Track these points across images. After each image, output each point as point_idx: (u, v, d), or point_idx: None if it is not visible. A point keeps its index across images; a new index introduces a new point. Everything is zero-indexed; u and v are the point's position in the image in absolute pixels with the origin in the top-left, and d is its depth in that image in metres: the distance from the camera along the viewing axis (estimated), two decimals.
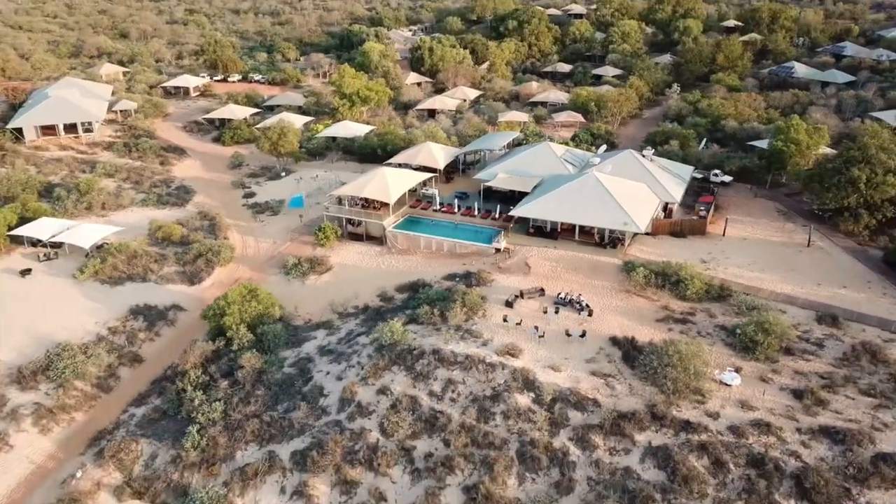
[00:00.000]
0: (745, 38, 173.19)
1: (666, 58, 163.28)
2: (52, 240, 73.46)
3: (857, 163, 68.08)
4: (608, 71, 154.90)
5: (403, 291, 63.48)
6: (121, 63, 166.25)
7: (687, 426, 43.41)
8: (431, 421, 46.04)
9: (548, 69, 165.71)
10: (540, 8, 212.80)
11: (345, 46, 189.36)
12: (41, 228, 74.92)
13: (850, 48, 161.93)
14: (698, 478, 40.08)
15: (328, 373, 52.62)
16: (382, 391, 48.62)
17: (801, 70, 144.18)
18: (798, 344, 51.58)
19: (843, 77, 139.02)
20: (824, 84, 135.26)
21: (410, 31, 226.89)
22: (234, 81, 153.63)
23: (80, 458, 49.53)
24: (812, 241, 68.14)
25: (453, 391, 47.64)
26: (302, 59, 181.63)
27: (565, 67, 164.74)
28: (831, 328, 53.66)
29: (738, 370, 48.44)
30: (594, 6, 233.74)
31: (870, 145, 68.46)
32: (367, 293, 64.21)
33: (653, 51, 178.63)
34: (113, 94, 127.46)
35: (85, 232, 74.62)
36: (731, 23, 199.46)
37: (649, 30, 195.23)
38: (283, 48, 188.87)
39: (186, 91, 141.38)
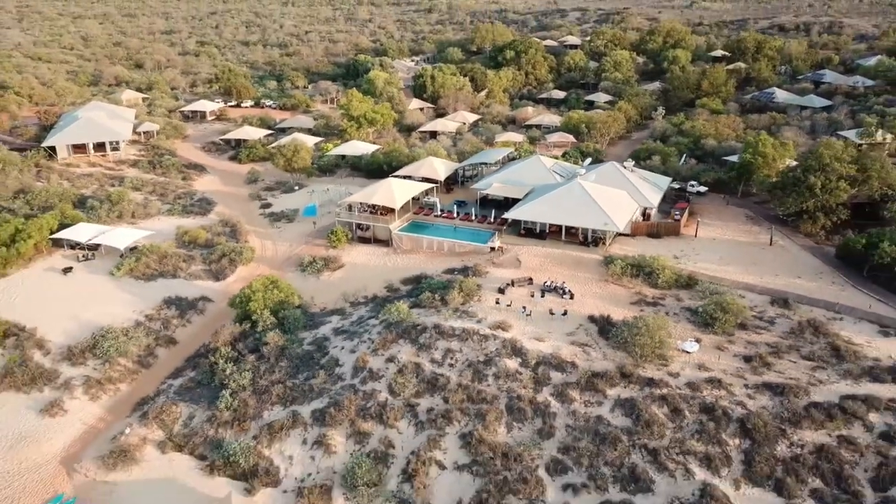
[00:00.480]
0: (731, 66, 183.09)
1: (655, 85, 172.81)
2: (90, 242, 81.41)
3: (814, 171, 76.16)
4: (600, 97, 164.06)
5: (408, 284, 71.20)
6: (139, 90, 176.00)
7: (651, 382, 50.87)
8: (433, 382, 53.48)
9: (543, 96, 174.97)
10: (537, 39, 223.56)
11: (351, 75, 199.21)
12: (80, 232, 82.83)
13: (829, 76, 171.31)
14: (658, 422, 47.49)
15: (342, 348, 60.16)
16: (390, 360, 56.14)
17: (781, 95, 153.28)
18: (752, 321, 59.18)
19: (820, 102, 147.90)
20: (803, 108, 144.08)
21: (413, 61, 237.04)
22: (246, 107, 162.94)
23: (127, 419, 56.88)
24: (774, 240, 75.97)
25: (451, 358, 55.17)
26: (310, 86, 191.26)
27: (560, 94, 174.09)
28: (783, 309, 61.28)
29: (698, 341, 56.00)
30: (588, 37, 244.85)
31: (825, 156, 76.56)
32: (376, 285, 71.93)
33: (644, 79, 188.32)
34: (136, 117, 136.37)
35: (119, 235, 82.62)
36: (719, 52, 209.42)
37: (641, 59, 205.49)
38: (292, 77, 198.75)
39: (203, 115, 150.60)
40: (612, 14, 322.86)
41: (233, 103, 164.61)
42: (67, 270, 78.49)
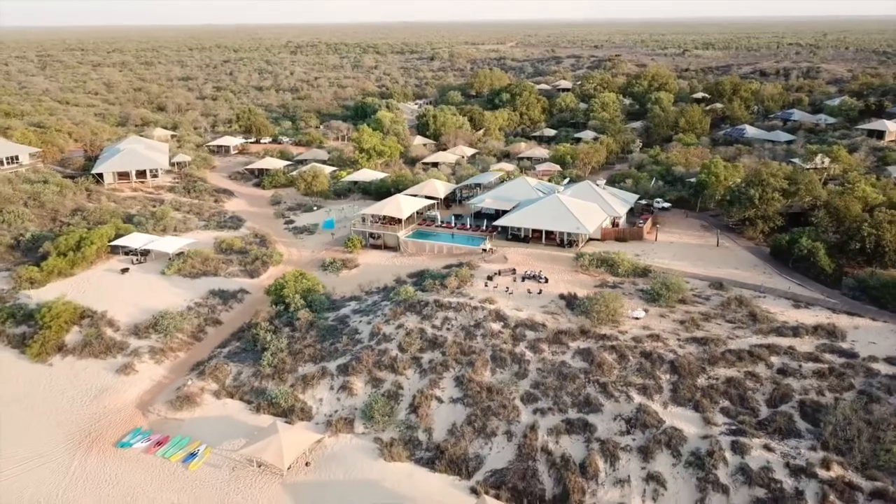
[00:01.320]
0: (709, 107, 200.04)
1: (639, 123, 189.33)
2: (142, 248, 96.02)
3: (754, 186, 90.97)
4: (588, 134, 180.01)
5: (413, 277, 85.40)
6: (165, 128, 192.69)
7: (604, 337, 64.82)
8: (433, 341, 67.44)
9: (536, 134, 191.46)
10: (531, 83, 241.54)
11: (359, 116, 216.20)
12: (134, 240, 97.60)
13: (797, 114, 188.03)
14: (608, 364, 61.31)
15: (360, 321, 74.23)
16: (399, 326, 70.19)
17: (751, 131, 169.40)
18: (691, 298, 73.25)
19: (784, 137, 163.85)
20: (770, 142, 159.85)
21: (417, 104, 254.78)
22: (265, 143, 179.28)
23: (187, 376, 70.67)
24: (721, 242, 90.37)
25: (448, 324, 69.22)
26: (322, 125, 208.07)
27: (551, 132, 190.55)
28: (718, 290, 75.37)
29: (645, 311, 70.01)
30: (580, 81, 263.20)
31: (762, 173, 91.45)
32: (386, 279, 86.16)
33: (629, 119, 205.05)
34: (168, 150, 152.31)
35: (167, 242, 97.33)
36: (700, 95, 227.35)
37: (627, 101, 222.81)
38: (305, 117, 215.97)
39: (227, 149, 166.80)
40: (605, 60, 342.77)
41: (253, 140, 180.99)
42: (125, 270, 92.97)
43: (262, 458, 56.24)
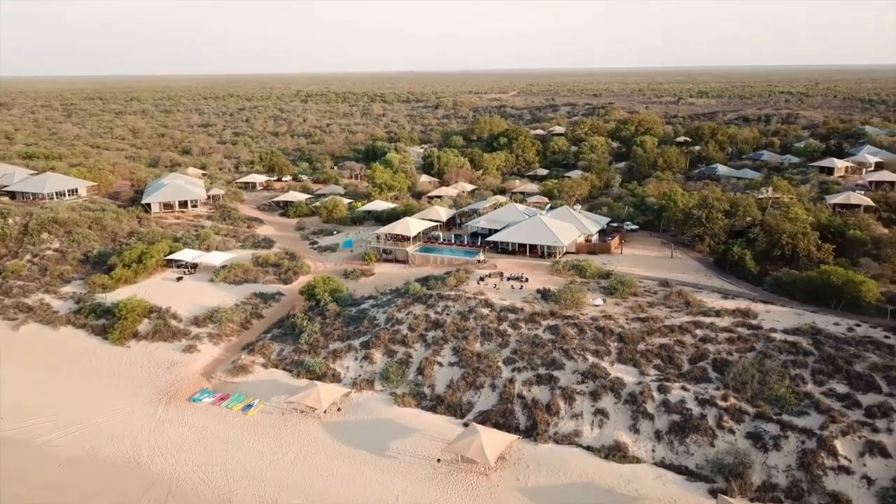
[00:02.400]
0: (689, 149, 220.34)
1: (623, 164, 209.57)
2: (193, 261, 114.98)
3: (701, 208, 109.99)
4: (576, 173, 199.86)
5: (419, 280, 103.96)
6: (195, 167, 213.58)
7: (568, 318, 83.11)
8: (435, 323, 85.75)
9: (530, 173, 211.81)
10: (527, 128, 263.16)
11: (370, 157, 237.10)
12: (185, 255, 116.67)
13: (766, 155, 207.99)
14: (570, 335, 79.48)
15: (377, 311, 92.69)
16: (409, 313, 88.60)
17: (722, 169, 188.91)
18: (642, 292, 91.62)
19: (752, 174, 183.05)
20: (739, 178, 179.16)
21: (422, 148, 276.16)
22: (286, 181, 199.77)
23: (239, 354, 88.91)
24: (675, 255, 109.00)
25: (447, 310, 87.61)
26: (336, 166, 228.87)
27: (544, 172, 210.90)
28: (664, 286, 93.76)
29: (603, 300, 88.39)
30: (572, 126, 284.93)
31: (709, 196, 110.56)
32: (398, 283, 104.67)
33: (617, 160, 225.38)
34: (204, 185, 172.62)
35: (213, 257, 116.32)
36: (682, 138, 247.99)
37: (615, 144, 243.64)
38: (321, 159, 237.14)
39: (254, 185, 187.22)
40: (598, 108, 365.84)
41: (275, 178, 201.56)
42: (179, 279, 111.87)
43: (304, 403, 74.23)
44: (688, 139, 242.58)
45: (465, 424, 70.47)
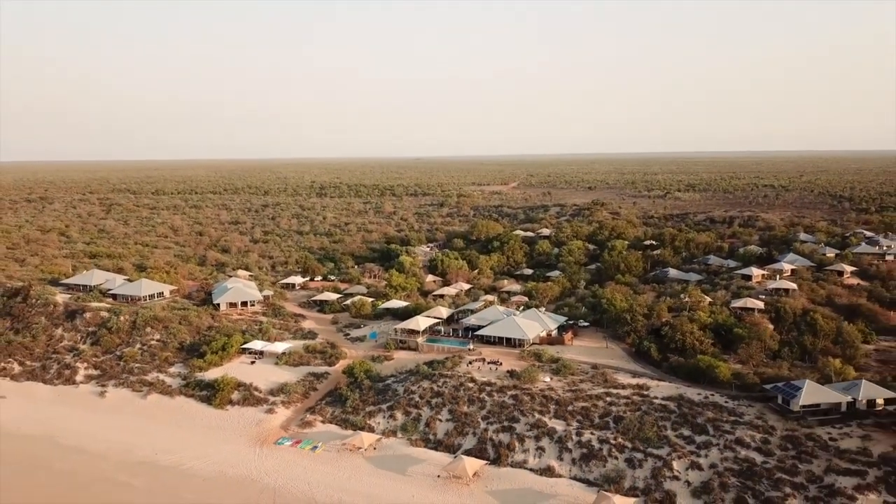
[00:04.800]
0: (652, 252, 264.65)
1: (594, 266, 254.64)
2: (261, 349, 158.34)
3: (626, 311, 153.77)
4: (555, 273, 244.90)
5: (427, 364, 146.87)
6: (239, 268, 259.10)
7: (525, 389, 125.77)
8: (437, 393, 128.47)
9: (518, 273, 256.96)
10: (517, 233, 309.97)
11: (385, 258, 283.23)
12: (256, 344, 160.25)
13: (712, 259, 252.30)
14: (525, 401, 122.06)
15: (398, 386, 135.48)
16: (419, 386, 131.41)
17: (673, 273, 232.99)
18: (578, 372, 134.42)
19: (696, 277, 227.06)
20: (685, 281, 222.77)
21: (429, 246, 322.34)
22: (318, 280, 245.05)
23: (304, 414, 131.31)
24: (608, 346, 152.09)
25: (446, 384, 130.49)
26: (358, 267, 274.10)
27: (529, 271, 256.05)
28: (594, 369, 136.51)
29: (551, 378, 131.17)
30: (557, 229, 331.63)
31: (632, 304, 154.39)
32: (411, 365, 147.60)
33: (592, 261, 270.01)
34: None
35: (276, 346, 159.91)
36: (648, 242, 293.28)
37: (592, 247, 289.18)
38: (343, 259, 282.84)
39: (293, 285, 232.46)
40: (584, 209, 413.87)
41: (309, 278, 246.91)
42: (252, 363, 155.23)
43: (352, 444, 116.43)
44: (653, 242, 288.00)
45: (455, 456, 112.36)
